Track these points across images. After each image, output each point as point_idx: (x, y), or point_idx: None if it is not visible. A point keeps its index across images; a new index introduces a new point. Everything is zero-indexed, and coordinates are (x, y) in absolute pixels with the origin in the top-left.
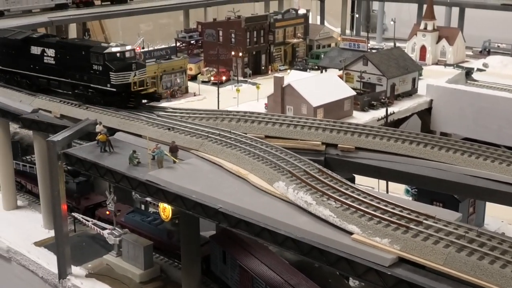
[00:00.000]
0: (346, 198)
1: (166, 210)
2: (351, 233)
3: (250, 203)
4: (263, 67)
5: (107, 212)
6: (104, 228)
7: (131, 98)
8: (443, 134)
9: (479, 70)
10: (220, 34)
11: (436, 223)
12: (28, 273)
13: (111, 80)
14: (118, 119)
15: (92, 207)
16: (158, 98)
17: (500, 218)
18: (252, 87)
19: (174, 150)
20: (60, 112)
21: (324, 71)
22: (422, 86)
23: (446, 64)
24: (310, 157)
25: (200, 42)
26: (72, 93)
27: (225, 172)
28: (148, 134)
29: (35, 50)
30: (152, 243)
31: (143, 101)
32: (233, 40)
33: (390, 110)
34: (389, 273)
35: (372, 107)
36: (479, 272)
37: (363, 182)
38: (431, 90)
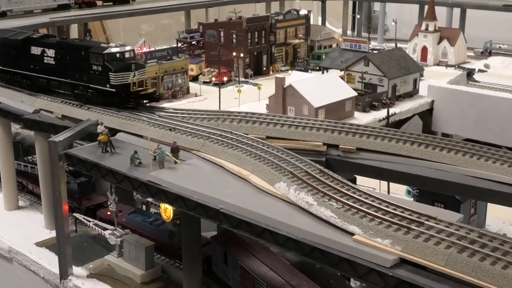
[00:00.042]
0: (348, 199)
1: (167, 211)
2: (352, 234)
3: (251, 203)
4: (264, 68)
5: (108, 212)
6: (106, 229)
7: (131, 98)
8: (444, 135)
9: (481, 71)
10: (222, 34)
11: (438, 224)
12: (29, 273)
13: (111, 80)
14: (120, 120)
15: (93, 208)
16: (157, 99)
17: (501, 219)
18: (253, 87)
19: (175, 150)
20: (61, 112)
21: (325, 71)
22: (423, 87)
23: (447, 65)
24: (311, 157)
25: (202, 42)
26: (71, 93)
27: (226, 172)
28: (150, 135)
29: (35, 50)
30: (153, 244)
31: (142, 101)
32: (234, 40)
33: (391, 111)
34: (390, 274)
35: (374, 108)
36: (480, 273)
37: (364, 183)
38: (433, 91)
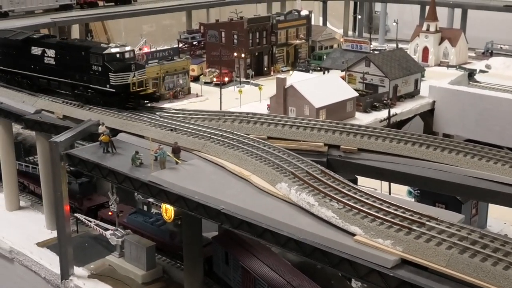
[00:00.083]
0: (349, 199)
1: (168, 211)
2: (353, 234)
3: (252, 204)
4: (265, 68)
5: (109, 213)
6: (107, 229)
7: (131, 98)
8: (445, 136)
9: (482, 71)
10: (223, 35)
11: (439, 224)
12: (30, 273)
13: (110, 80)
14: (121, 120)
15: (94, 208)
16: (157, 99)
17: (503, 220)
18: (254, 88)
19: (176, 151)
20: (62, 113)
21: (326, 72)
22: (424, 88)
23: (448, 66)
24: (312, 158)
25: (203, 43)
26: (72, 93)
27: (227, 173)
28: (151, 135)
29: (36, 50)
30: (154, 244)
31: (143, 101)
32: (235, 41)
33: (392, 112)
34: (391, 274)
35: (375, 108)
36: (481, 274)
37: (365, 183)
38: (434, 92)
